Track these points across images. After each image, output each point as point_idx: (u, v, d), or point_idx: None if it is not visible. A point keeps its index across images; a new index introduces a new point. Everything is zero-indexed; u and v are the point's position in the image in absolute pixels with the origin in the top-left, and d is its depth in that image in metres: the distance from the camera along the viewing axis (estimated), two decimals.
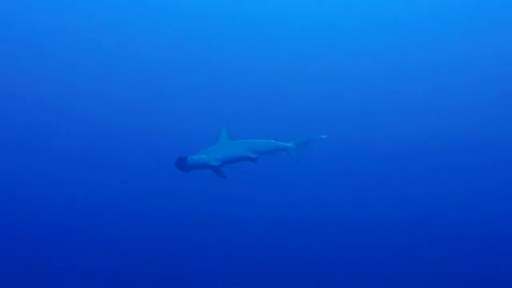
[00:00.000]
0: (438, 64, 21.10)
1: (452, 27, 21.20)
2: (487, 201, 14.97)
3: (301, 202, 14.47)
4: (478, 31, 20.94)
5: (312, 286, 11.10)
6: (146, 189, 14.71)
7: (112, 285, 10.30)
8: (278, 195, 14.73)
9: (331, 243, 12.44)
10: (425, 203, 14.99)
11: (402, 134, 19.20)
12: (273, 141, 8.24)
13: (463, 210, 14.54)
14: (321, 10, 21.65)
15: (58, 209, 13.76)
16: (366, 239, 12.66)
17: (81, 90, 20.12)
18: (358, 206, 14.53)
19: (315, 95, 20.42)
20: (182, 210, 13.76)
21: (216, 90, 20.58)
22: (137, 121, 19.46)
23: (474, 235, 13.07)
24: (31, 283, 10.17)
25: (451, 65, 21.03)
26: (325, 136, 8.36)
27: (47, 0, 20.61)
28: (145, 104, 20.16)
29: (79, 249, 11.53)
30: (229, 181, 7.74)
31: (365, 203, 14.75)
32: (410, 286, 11.05)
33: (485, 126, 19.58)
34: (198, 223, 13.08)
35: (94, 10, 20.87)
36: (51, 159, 16.75)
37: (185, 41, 21.82)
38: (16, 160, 16.60)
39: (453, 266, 11.50)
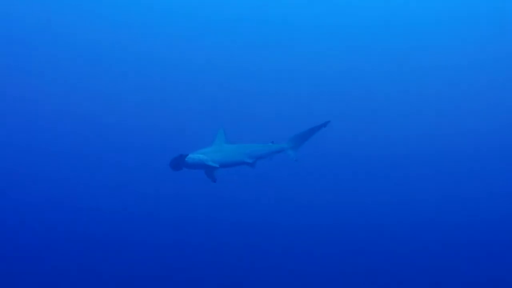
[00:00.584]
0: (443, 65, 20.94)
1: (455, 28, 21.08)
2: (488, 204, 14.87)
3: (299, 203, 14.37)
4: (481, 32, 20.80)
5: None
6: (140, 189, 14.65)
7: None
8: (276, 195, 14.65)
9: (331, 245, 12.33)
10: (427, 205, 14.90)
11: (403, 135, 19.11)
12: (270, 144, 8.04)
13: (464, 211, 14.46)
14: (320, 11, 21.57)
15: (57, 209, 13.72)
16: (367, 242, 12.55)
17: (80, 90, 20.14)
18: (358, 208, 14.42)
19: (315, 95, 20.35)
20: (180, 210, 13.70)
21: (214, 90, 20.52)
22: (135, 121, 19.49)
23: (477, 238, 12.97)
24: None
25: (456, 66, 20.88)
26: (325, 123, 7.79)
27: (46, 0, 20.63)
28: (142, 104, 20.16)
29: (75, 250, 11.45)
30: (220, 184, 7.52)
31: (365, 204, 14.65)
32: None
33: (487, 128, 19.49)
34: (196, 224, 13.00)
35: (93, 10, 20.88)
36: (50, 159, 16.73)
37: (184, 41, 21.79)
38: (14, 160, 16.59)
39: (456, 270, 11.38)
